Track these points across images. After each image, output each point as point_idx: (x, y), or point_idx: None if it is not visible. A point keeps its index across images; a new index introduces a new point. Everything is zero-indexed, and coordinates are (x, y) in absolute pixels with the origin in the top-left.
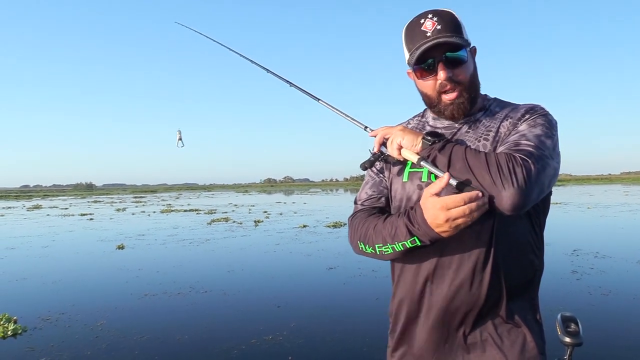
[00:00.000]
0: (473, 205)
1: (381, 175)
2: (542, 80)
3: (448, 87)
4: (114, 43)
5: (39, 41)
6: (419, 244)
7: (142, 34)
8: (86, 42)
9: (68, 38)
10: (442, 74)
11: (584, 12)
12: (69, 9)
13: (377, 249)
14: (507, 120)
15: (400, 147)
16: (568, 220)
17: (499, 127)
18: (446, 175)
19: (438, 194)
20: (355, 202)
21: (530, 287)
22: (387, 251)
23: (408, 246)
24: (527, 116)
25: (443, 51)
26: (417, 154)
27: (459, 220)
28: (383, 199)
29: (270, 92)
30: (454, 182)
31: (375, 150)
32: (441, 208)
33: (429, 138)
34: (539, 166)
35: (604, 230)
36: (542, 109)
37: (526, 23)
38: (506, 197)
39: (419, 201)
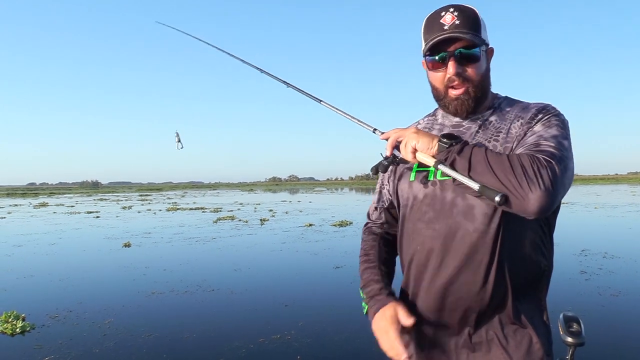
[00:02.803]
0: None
1: (383, 181)
2: (548, 79)
3: (456, 82)
4: (118, 41)
5: (39, 38)
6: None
7: (146, 32)
8: (89, 41)
9: (70, 36)
10: (451, 69)
11: (593, 11)
12: (72, 6)
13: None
14: (518, 120)
15: (414, 151)
16: (575, 220)
17: (509, 128)
18: None
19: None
20: (368, 216)
21: (538, 287)
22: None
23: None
24: (540, 116)
25: (457, 46)
26: (433, 156)
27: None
28: (387, 204)
29: (274, 91)
30: (475, 186)
31: (388, 153)
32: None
33: (445, 140)
34: (561, 167)
35: (612, 231)
36: (554, 108)
37: (533, 22)
38: (533, 200)
39: (426, 200)
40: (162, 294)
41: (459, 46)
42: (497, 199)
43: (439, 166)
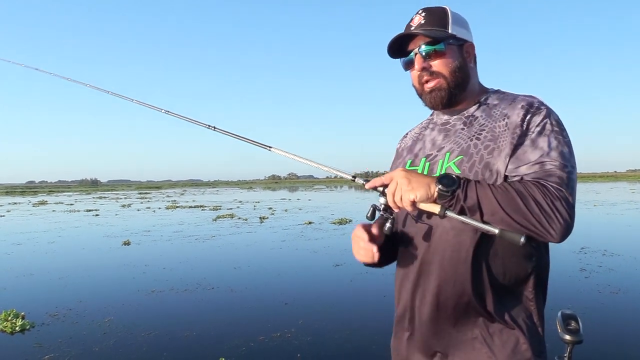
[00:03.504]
0: None
1: None
2: (548, 76)
3: (425, 77)
4: (118, 41)
5: (37, 36)
6: None
7: (143, 31)
8: (88, 40)
9: (69, 35)
10: (417, 65)
11: (590, 10)
12: (71, 6)
13: None
14: (503, 119)
15: (414, 202)
16: (575, 218)
17: (494, 127)
18: None
19: None
20: None
21: (525, 287)
22: None
23: None
24: (528, 117)
25: (419, 44)
26: (435, 202)
27: None
28: None
29: (275, 90)
30: (495, 231)
31: (397, 211)
32: None
33: (444, 189)
34: (570, 189)
35: (612, 228)
36: (542, 105)
37: (532, 21)
38: (555, 235)
39: None
40: (162, 292)
41: (422, 43)
42: (522, 240)
43: (446, 213)
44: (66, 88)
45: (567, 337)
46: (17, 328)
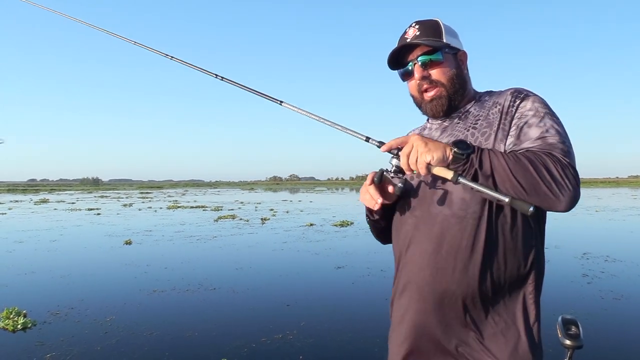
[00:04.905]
0: None
1: None
2: (549, 80)
3: (425, 85)
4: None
5: (36, 34)
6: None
7: (146, 30)
8: (89, 38)
9: (69, 34)
10: (417, 74)
11: (593, 14)
12: (72, 5)
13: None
14: (495, 107)
15: (429, 165)
16: (576, 223)
17: (487, 115)
18: None
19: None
20: None
21: (524, 283)
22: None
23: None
24: (517, 102)
25: (418, 54)
26: (449, 167)
27: None
28: None
29: (276, 90)
30: (506, 199)
31: (408, 174)
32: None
33: (460, 152)
34: (574, 161)
35: (614, 234)
36: (530, 91)
37: (533, 25)
38: (565, 202)
39: (418, 186)
40: (164, 292)
41: (420, 53)
42: (530, 210)
43: (459, 179)
44: (67, 87)
45: (567, 342)
46: (18, 326)
